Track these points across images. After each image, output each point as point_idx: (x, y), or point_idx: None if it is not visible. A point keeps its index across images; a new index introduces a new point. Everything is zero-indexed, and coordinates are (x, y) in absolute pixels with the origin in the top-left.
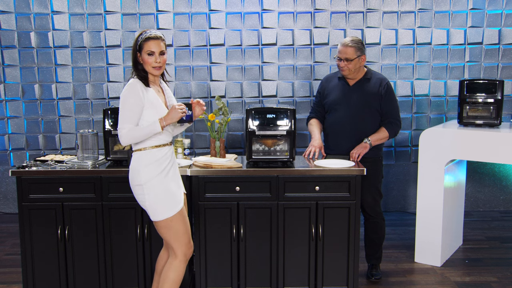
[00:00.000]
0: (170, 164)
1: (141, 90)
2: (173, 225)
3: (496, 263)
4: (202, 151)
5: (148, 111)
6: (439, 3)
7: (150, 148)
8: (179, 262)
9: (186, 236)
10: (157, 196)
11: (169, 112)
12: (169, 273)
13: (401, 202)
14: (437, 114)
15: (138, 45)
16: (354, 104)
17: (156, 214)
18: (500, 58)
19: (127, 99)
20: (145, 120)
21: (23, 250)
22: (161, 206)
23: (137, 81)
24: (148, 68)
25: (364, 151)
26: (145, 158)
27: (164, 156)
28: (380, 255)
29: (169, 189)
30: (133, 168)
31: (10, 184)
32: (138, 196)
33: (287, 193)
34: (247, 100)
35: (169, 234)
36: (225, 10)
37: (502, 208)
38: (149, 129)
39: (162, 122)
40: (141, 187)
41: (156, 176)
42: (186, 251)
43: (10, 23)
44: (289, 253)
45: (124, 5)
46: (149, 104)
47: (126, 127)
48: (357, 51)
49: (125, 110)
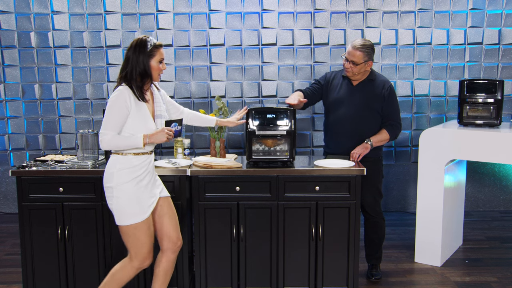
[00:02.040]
0: (145, 173)
1: (129, 97)
2: (135, 233)
3: (496, 263)
4: (202, 151)
5: (133, 120)
6: (439, 3)
7: (128, 154)
8: (132, 267)
9: (146, 247)
10: (125, 201)
11: (157, 132)
12: (117, 272)
13: (401, 202)
14: (437, 114)
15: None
16: (356, 104)
17: (120, 219)
18: (500, 58)
19: (114, 106)
20: (129, 128)
21: (23, 250)
22: (126, 211)
23: (126, 89)
24: (155, 75)
25: (365, 152)
26: (121, 162)
27: (141, 164)
28: (380, 255)
29: (138, 197)
30: (108, 169)
31: (10, 184)
32: (108, 198)
33: (287, 193)
34: (247, 100)
35: (130, 241)
36: (225, 10)
37: (502, 208)
38: (131, 142)
39: (146, 139)
40: (111, 189)
41: (128, 182)
42: (142, 261)
43: (10, 23)
44: (289, 253)
45: (124, 5)
46: (136, 112)
47: (109, 133)
48: (365, 56)
49: (111, 116)
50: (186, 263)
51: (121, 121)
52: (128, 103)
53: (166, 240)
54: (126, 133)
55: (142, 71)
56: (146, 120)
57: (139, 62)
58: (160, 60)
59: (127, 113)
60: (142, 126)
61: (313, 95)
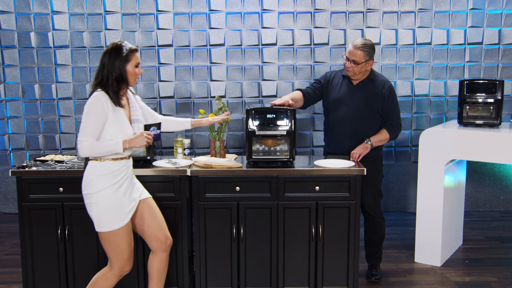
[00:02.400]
0: (125, 178)
1: (106, 104)
2: (115, 239)
3: (496, 263)
4: (202, 151)
5: (110, 125)
6: (439, 3)
7: (107, 159)
8: (112, 275)
9: (126, 253)
10: (104, 207)
11: (136, 137)
12: (99, 281)
13: (401, 202)
14: (437, 114)
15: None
16: (356, 104)
17: (100, 225)
18: (500, 58)
19: (91, 112)
20: (107, 134)
21: (23, 250)
22: (106, 218)
23: (103, 94)
24: (132, 79)
25: (365, 152)
26: (100, 168)
27: (120, 169)
28: (380, 255)
29: (118, 203)
30: (86, 176)
31: (10, 184)
32: (87, 205)
33: (287, 193)
34: (247, 100)
35: (110, 247)
36: (225, 10)
37: (502, 208)
38: (110, 148)
39: (125, 144)
40: (90, 196)
41: (107, 188)
42: (123, 267)
43: (10, 23)
44: (289, 253)
45: (124, 5)
46: (113, 118)
47: (88, 140)
48: (366, 56)
49: (88, 123)
50: (186, 263)
51: (99, 127)
52: (106, 109)
53: (154, 241)
54: (104, 139)
55: (118, 76)
56: (123, 125)
57: (115, 67)
58: (136, 64)
59: (105, 119)
60: (120, 131)
61: (314, 95)
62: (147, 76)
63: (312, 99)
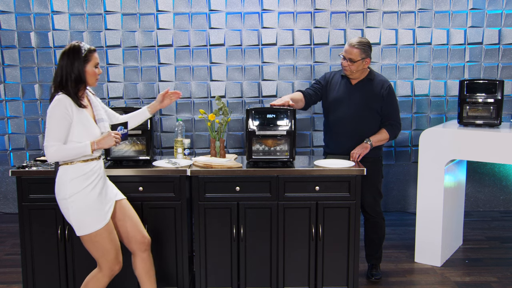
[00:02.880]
0: (98, 178)
1: (69, 106)
2: (98, 240)
3: (496, 263)
4: (202, 151)
5: (77, 129)
6: (439, 3)
7: (77, 162)
8: (103, 276)
9: (112, 252)
10: (82, 210)
11: (104, 137)
12: (90, 283)
13: (401, 202)
14: (437, 114)
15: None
16: (355, 104)
17: (80, 229)
18: (500, 58)
19: (54, 115)
20: (74, 137)
21: (23, 250)
22: (85, 221)
23: (65, 97)
24: (92, 80)
25: (364, 152)
26: (72, 172)
27: (92, 170)
28: (380, 255)
29: (95, 204)
30: (59, 181)
31: (10, 184)
32: (63, 210)
33: (287, 193)
34: (247, 100)
35: (94, 249)
36: (225, 10)
37: (502, 208)
38: (79, 151)
39: (94, 146)
40: (65, 201)
41: (82, 190)
42: (112, 267)
43: (10, 23)
44: (289, 253)
45: (124, 5)
46: (78, 120)
47: (55, 145)
48: (362, 53)
49: (53, 127)
50: (186, 263)
51: (64, 130)
52: (70, 111)
53: (133, 242)
54: (72, 141)
55: (77, 77)
56: (89, 126)
57: (74, 68)
58: (95, 64)
59: (70, 122)
60: (86, 132)
61: (315, 95)
62: (147, 76)
63: (313, 100)
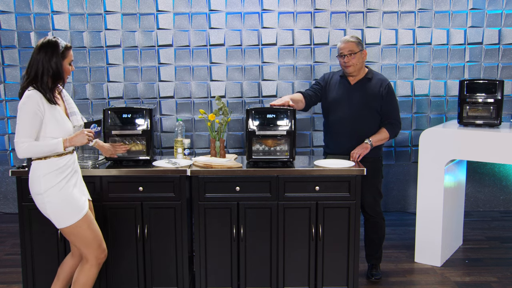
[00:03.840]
0: (72, 172)
1: (41, 102)
2: (79, 231)
3: (496, 263)
4: (202, 151)
5: (49, 124)
6: (439, 3)
7: (51, 157)
8: (90, 266)
9: (96, 241)
10: (58, 204)
11: (76, 135)
12: (79, 277)
13: (401, 202)
14: (437, 114)
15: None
16: (354, 103)
17: (59, 222)
18: (500, 58)
19: (25, 112)
20: (47, 133)
21: (23, 250)
22: (63, 213)
23: (36, 93)
24: (65, 77)
25: (365, 152)
26: (45, 167)
27: (66, 165)
28: (380, 255)
29: (71, 196)
30: (32, 177)
31: (10, 184)
32: (39, 205)
33: (287, 193)
34: (247, 100)
35: (77, 240)
36: (225, 10)
37: (502, 208)
38: (51, 148)
39: (66, 143)
40: (41, 196)
41: (57, 184)
42: (98, 255)
43: (10, 23)
44: (289, 253)
45: (124, 5)
46: (50, 114)
47: (26, 141)
48: (358, 45)
49: (24, 123)
50: (186, 263)
51: (35, 127)
52: (41, 107)
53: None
54: (45, 137)
55: (55, 72)
56: (62, 121)
57: (52, 64)
58: (70, 62)
59: (41, 118)
60: (59, 127)
61: (315, 96)
62: (147, 76)
63: (313, 100)
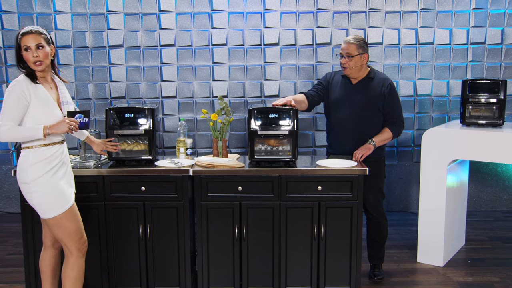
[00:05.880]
0: (60, 163)
1: (27, 87)
2: (64, 223)
3: (499, 263)
4: (204, 151)
5: (36, 109)
6: (442, 3)
7: (39, 146)
8: (76, 259)
9: (78, 233)
10: (45, 194)
11: (57, 123)
12: (69, 273)
13: (403, 202)
14: (440, 114)
15: (18, 43)
16: (357, 103)
17: (44, 212)
18: (503, 58)
19: (11, 96)
20: (32, 118)
21: (25, 250)
22: (49, 204)
23: (25, 78)
24: (30, 64)
25: (368, 152)
26: (33, 156)
27: (54, 155)
28: (382, 255)
29: (58, 187)
30: (20, 165)
31: (13, 183)
32: (26, 194)
33: (289, 193)
34: (249, 100)
35: (60, 232)
36: (227, 10)
37: (505, 208)
38: (30, 133)
39: (46, 130)
40: (27, 185)
41: (44, 175)
42: (80, 247)
43: (12, 23)
44: (291, 253)
45: (126, 5)
46: (37, 100)
47: (7, 124)
48: (359, 49)
49: (7, 107)
50: (188, 263)
51: (20, 111)
52: (26, 93)
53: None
54: (30, 123)
55: (18, 60)
56: (50, 108)
57: (16, 53)
58: (25, 48)
59: (26, 103)
60: (47, 114)
61: (318, 96)
62: (149, 75)
63: (316, 101)
